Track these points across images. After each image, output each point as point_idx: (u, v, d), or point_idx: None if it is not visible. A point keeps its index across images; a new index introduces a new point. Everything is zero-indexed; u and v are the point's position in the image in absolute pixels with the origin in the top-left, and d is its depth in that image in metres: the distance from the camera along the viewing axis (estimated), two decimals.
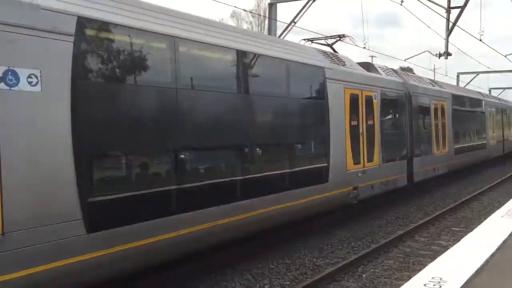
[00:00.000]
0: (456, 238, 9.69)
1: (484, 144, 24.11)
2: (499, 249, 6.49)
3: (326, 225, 11.82)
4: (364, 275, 8.13)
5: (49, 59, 5.29)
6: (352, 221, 12.13)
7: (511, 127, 32.28)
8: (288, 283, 7.85)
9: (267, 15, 19.76)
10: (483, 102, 25.37)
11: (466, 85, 45.64)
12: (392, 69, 15.88)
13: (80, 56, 5.63)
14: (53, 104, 5.33)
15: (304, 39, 13.24)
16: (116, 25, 6.09)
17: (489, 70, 49.35)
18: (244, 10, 48.03)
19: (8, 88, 4.90)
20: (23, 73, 5.02)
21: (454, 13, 22.34)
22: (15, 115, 4.98)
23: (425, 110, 16.54)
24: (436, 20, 49.47)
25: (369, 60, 26.83)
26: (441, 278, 5.26)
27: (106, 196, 5.83)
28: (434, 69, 62.64)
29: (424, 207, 14.45)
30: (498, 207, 10.36)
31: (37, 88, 5.15)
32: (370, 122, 12.36)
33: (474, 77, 52.09)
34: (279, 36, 17.46)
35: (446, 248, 8.07)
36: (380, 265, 8.70)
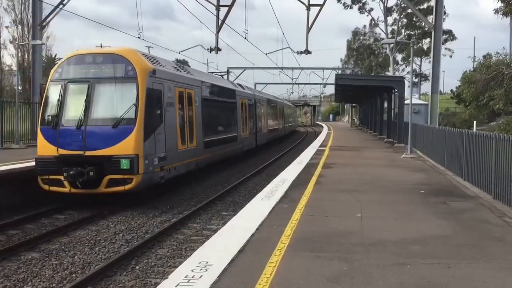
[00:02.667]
0: (225, 221, 10.33)
1: (275, 128, 38.92)
2: (258, 229, 7.16)
3: (95, 220, 11.39)
4: (137, 267, 8.05)
5: (198, 95, 17.07)
6: (126, 211, 11.95)
7: (286, 116, 48.05)
8: (54, 285, 7.27)
9: None
10: (278, 102, 43.19)
11: (235, 79, 49.43)
12: (247, 86, 32.48)
13: (201, 93, 17.53)
14: (199, 109, 17.09)
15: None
16: (208, 83, 19.08)
17: (254, 66, 54.46)
18: None
19: (195, 105, 16.68)
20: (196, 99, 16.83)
21: (223, 11, 23.88)
22: (197, 112, 16.91)
23: (257, 108, 29.98)
24: (208, 16, 52.12)
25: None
26: (207, 262, 5.52)
27: (205, 139, 17.58)
28: (208, 63, 65.81)
29: (198, 194, 15.11)
30: (260, 191, 11.44)
31: (197, 104, 16.84)
32: (247, 114, 26.05)
33: (242, 72, 56.88)
34: (45, 19, 16.84)
35: (215, 232, 8.51)
36: (154, 254, 8.74)
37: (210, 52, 27.00)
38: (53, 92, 12.86)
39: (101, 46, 13.31)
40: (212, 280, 4.95)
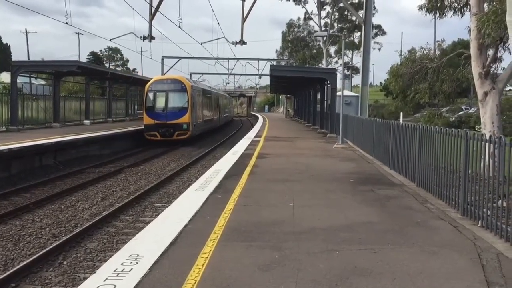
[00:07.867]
0: (158, 213, 10.15)
1: (227, 115, 55.39)
2: (191, 220, 7.11)
3: (19, 214, 10.85)
4: (65, 262, 7.76)
5: (201, 95, 32.86)
6: (50, 204, 11.47)
7: (231, 106, 70.53)
8: None
9: None
10: (227, 96, 63.55)
11: (169, 69, 48.67)
12: (212, 86, 54.86)
13: (202, 94, 33.56)
14: (201, 102, 32.64)
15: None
16: (204, 88, 36.73)
17: (189, 56, 53.85)
18: None
19: (201, 100, 34.97)
20: (200, 97, 34.49)
21: None
22: (201, 104, 33.44)
23: (219, 101, 45.17)
24: (140, 3, 50.84)
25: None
26: (138, 255, 5.41)
27: (204, 118, 33.93)
28: (141, 51, 64.06)
29: (130, 186, 14.78)
30: (195, 182, 11.37)
31: (201, 99, 32.95)
32: (216, 105, 42.43)
33: (177, 61, 55.87)
34: None
35: (148, 224, 8.36)
36: (83, 249, 8.46)
37: (143, 41, 26.47)
38: (149, 96, 27.05)
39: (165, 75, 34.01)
40: (143, 273, 4.86)
